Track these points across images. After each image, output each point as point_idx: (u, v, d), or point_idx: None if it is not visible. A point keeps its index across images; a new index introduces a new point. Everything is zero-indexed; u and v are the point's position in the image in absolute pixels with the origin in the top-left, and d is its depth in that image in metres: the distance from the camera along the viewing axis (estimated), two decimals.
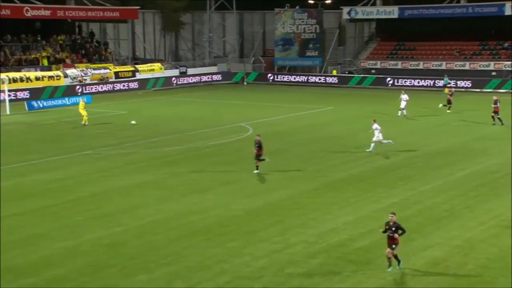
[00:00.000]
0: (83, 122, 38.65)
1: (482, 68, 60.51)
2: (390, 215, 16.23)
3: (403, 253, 17.05)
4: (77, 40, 63.52)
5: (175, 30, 74.65)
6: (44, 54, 58.12)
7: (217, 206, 21.69)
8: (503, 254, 16.94)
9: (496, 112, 38.18)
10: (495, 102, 38.27)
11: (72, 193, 23.48)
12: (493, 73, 59.52)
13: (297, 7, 68.41)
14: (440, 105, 43.31)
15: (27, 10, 55.45)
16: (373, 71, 64.90)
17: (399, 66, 64.56)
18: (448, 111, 42.72)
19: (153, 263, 16.53)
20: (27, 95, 50.46)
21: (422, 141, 33.10)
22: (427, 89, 58.13)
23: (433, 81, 59.30)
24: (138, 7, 64.93)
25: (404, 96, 40.69)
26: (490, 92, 56.26)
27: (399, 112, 40.69)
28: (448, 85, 55.12)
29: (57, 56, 59.07)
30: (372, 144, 29.99)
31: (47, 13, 57.19)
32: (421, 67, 63.40)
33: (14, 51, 57.08)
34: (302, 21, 67.95)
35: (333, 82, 64.05)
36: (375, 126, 30.34)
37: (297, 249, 17.48)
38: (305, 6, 69.02)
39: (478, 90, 57.18)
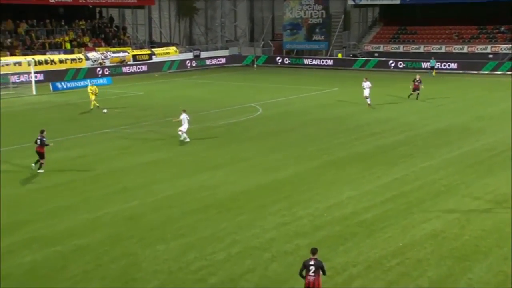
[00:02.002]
0: (91, 107, 37.10)
1: (480, 51, 59.91)
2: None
3: (403, 226, 17.08)
4: (97, 25, 63.33)
5: (189, 15, 74.27)
6: (67, 38, 58.07)
7: (228, 182, 21.68)
8: (498, 226, 16.91)
9: (416, 89, 39.24)
10: (418, 81, 39.35)
11: (92, 169, 23.55)
12: (490, 56, 58.93)
13: None
14: (409, 95, 39.85)
15: None
16: (376, 54, 64.44)
17: (401, 50, 64.05)
18: (413, 97, 39.29)
19: (169, 234, 16.59)
20: (51, 76, 50.48)
21: (422, 121, 32.88)
22: (427, 71, 57.61)
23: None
24: None
25: (366, 84, 36.56)
26: (487, 74, 55.93)
27: (368, 100, 36.59)
28: (431, 69, 54.82)
29: (79, 40, 58.99)
30: (368, 100, 36.16)
31: None
32: (421, 50, 62.85)
33: (39, 36, 57.05)
34: (309, 7, 67.38)
35: (338, 64, 63.63)
36: (367, 83, 35.83)
37: (304, 222, 17.48)
38: None
39: (476, 72, 56.70)
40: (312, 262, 11.92)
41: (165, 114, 35.74)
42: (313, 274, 11.83)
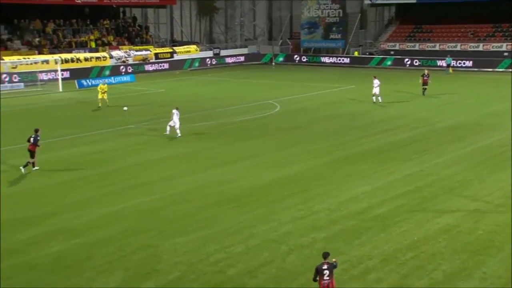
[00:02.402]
0: (99, 106, 36.59)
1: (495, 49, 59.07)
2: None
3: (418, 220, 16.91)
4: (121, 24, 63.66)
5: (210, 14, 74.32)
6: (92, 37, 58.46)
7: (246, 176, 21.64)
8: (510, 221, 16.64)
9: (425, 83, 39.24)
10: (426, 75, 39.39)
11: (114, 164, 23.67)
12: (505, 54, 58.09)
13: None
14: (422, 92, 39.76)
15: None
16: (392, 52, 63.87)
17: (417, 48, 63.41)
18: (426, 93, 39.36)
19: (188, 227, 16.60)
20: (77, 74, 50.84)
21: (435, 117, 32.54)
22: (443, 69, 57.01)
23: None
24: None
25: (376, 81, 36.40)
26: (502, 71, 55.14)
27: (373, 98, 36.64)
28: (447, 67, 54.29)
29: (104, 39, 59.36)
30: (374, 98, 36.50)
31: None
32: (437, 48, 62.17)
33: (66, 35, 57.53)
34: (327, 6, 67.01)
35: (354, 62, 63.22)
36: (376, 81, 36.05)
37: (320, 216, 17.39)
38: None
39: (491, 70, 55.96)
40: (325, 267, 11.54)
41: (183, 110, 35.73)
42: (327, 278, 11.43)
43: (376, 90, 36.52)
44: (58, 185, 20.88)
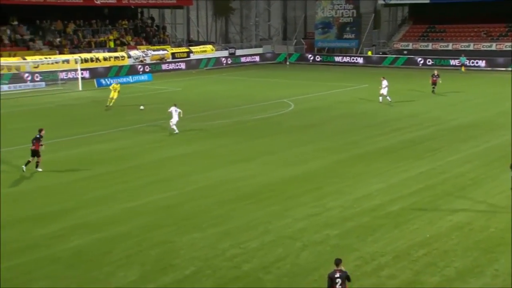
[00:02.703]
0: (109, 103, 35.87)
1: (508, 49, 58.40)
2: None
3: (430, 218, 16.81)
4: (139, 25, 63.95)
5: (225, 15, 74.37)
6: (111, 37, 58.81)
7: (261, 173, 21.65)
8: None
9: (434, 83, 39.81)
10: (436, 76, 39.98)
11: (133, 161, 23.80)
12: None
13: None
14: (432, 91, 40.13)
15: None
16: (405, 52, 63.44)
17: (430, 47, 62.91)
18: (432, 92, 39.82)
19: (204, 223, 16.64)
20: (96, 73, 51.17)
21: (448, 116, 32.30)
22: (455, 69, 56.60)
23: (460, 61, 57.87)
24: None
25: (384, 82, 36.05)
26: None
27: (380, 98, 36.28)
28: (464, 65, 53.83)
29: (122, 39, 59.67)
30: (380, 98, 36.07)
31: (113, 0, 57.86)
32: (450, 48, 61.64)
33: (86, 35, 57.94)
34: (340, 6, 66.73)
35: (368, 62, 62.91)
36: (384, 82, 35.77)
37: (334, 213, 17.36)
38: None
39: (503, 69, 55.37)
40: (338, 275, 10.98)
41: (200, 109, 35.94)
42: (340, 286, 10.91)
43: (383, 91, 36.22)
44: (79, 181, 21.03)
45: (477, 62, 57.29)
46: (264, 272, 13.61)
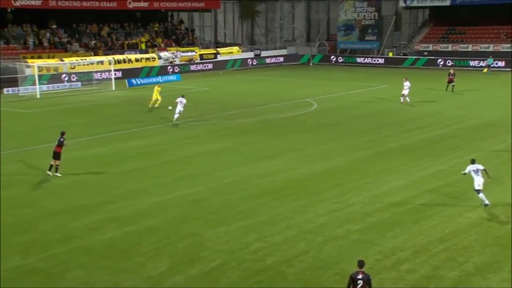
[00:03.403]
0: (153, 105, 35.04)
1: None
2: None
3: (449, 214, 16.55)
4: (169, 27, 64.33)
5: (251, 17, 74.36)
6: (142, 39, 59.24)
7: (284, 170, 21.58)
8: None
9: (450, 82, 40.14)
10: (452, 74, 40.31)
11: (163, 157, 23.92)
12: None
13: None
14: (449, 89, 40.29)
15: (129, 3, 56.60)
16: (425, 53, 62.57)
17: (450, 49, 61.91)
18: (452, 91, 39.86)
19: (230, 217, 16.66)
20: (128, 73, 51.50)
21: (468, 115, 31.77)
22: (475, 69, 55.64)
23: (479, 61, 56.88)
24: None
25: (406, 84, 35.62)
26: None
27: (402, 98, 35.70)
28: (490, 66, 52.83)
29: (153, 41, 60.07)
30: (402, 98, 35.62)
31: (145, 4, 58.19)
32: (470, 49, 60.60)
33: (119, 37, 58.49)
34: (362, 9, 66.14)
35: (389, 62, 62.26)
36: (407, 83, 35.35)
37: (355, 209, 17.23)
38: None
39: None
40: (360, 276, 10.55)
41: (226, 108, 36.01)
42: None
43: (405, 91, 35.76)
44: (111, 176, 21.24)
45: (496, 63, 56.16)
46: (287, 265, 13.58)
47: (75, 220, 16.66)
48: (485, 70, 53.20)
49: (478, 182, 16.86)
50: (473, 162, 17.35)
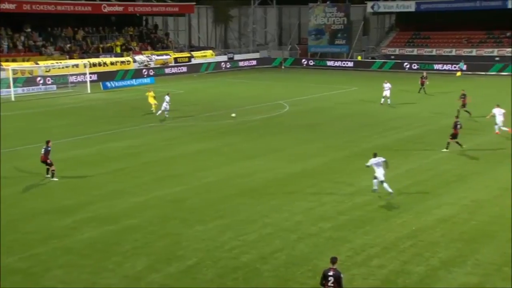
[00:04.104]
0: (152, 109, 34.08)
1: (487, 54, 58.69)
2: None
3: (417, 211, 16.95)
4: (144, 31, 63.90)
5: (225, 22, 74.42)
6: (117, 43, 58.70)
7: (264, 170, 21.71)
8: (504, 212, 16.68)
9: (422, 84, 40.43)
10: (425, 77, 40.63)
11: (144, 158, 23.84)
12: (497, 58, 57.66)
13: (328, 2, 67.28)
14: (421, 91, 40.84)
15: (104, 7, 56.05)
16: (392, 56, 63.62)
17: (415, 53, 63.10)
18: (422, 92, 40.71)
19: (208, 216, 16.73)
20: (103, 76, 50.97)
21: (436, 117, 32.43)
22: (439, 72, 56.76)
23: (443, 65, 58.16)
24: (194, 2, 64.85)
25: (387, 85, 36.15)
26: (494, 74, 54.76)
27: (382, 99, 36.18)
28: (461, 70, 53.74)
29: (128, 44, 59.60)
30: (383, 100, 35.84)
31: (120, 9, 57.75)
32: (434, 53, 61.85)
33: (94, 41, 57.85)
34: (332, 14, 66.83)
35: (358, 66, 63.07)
36: (387, 85, 35.59)
37: (328, 207, 17.48)
38: (334, 1, 67.83)
39: (483, 73, 55.54)
40: (331, 273, 10.65)
41: (205, 110, 35.99)
42: (332, 285, 10.57)
43: (386, 93, 36.31)
44: (93, 177, 21.05)
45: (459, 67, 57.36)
46: (262, 262, 13.72)
47: (57, 220, 16.54)
48: (459, 73, 53.91)
49: (381, 173, 17.85)
50: (375, 155, 18.36)
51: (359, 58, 65.01)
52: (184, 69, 59.52)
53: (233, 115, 32.09)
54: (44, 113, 35.90)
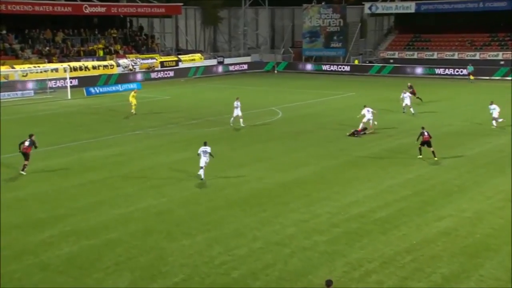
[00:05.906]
0: (132, 111, 36.33)
1: (491, 58, 59.14)
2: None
3: (417, 224, 16.94)
4: (128, 34, 63.91)
5: (214, 24, 74.59)
6: (100, 46, 58.67)
7: (252, 180, 21.70)
8: (508, 224, 16.69)
9: (413, 93, 37.99)
10: (409, 86, 38.47)
11: (125, 167, 23.76)
12: (501, 62, 58.10)
13: (323, 3, 67.63)
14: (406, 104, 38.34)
15: (85, 8, 56.01)
16: (391, 60, 64.01)
17: (415, 56, 63.50)
18: (421, 100, 39.56)
19: (195, 229, 16.65)
20: (85, 82, 50.85)
21: (435, 123, 32.47)
22: (441, 77, 57.11)
23: (444, 69, 58.49)
24: (181, 3, 64.99)
25: (406, 94, 35.92)
26: (498, 79, 55.13)
27: (411, 109, 35.55)
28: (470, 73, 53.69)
29: (111, 47, 59.56)
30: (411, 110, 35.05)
31: (102, 10, 57.71)
32: (435, 57, 62.26)
33: (75, 44, 57.76)
34: (328, 16, 67.18)
35: (355, 70, 63.32)
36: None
37: (322, 219, 17.43)
38: (330, 2, 68.18)
39: (487, 77, 55.92)
40: None
41: (191, 116, 35.95)
42: None
43: (407, 101, 35.58)
44: (71, 188, 20.93)
45: (461, 71, 57.83)
46: (253, 278, 13.63)
47: (31, 235, 16.36)
48: (472, 77, 53.75)
49: (203, 161, 21.13)
50: (205, 144, 21.44)
51: (356, 62, 65.35)
52: (171, 73, 59.55)
53: (182, 80, 32.39)
54: (19, 121, 35.69)
